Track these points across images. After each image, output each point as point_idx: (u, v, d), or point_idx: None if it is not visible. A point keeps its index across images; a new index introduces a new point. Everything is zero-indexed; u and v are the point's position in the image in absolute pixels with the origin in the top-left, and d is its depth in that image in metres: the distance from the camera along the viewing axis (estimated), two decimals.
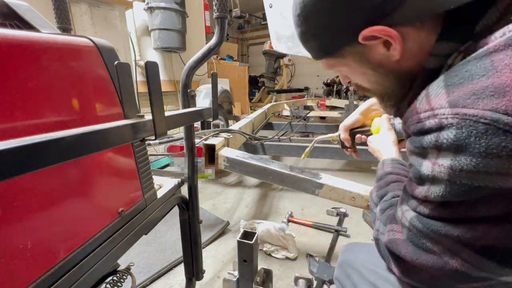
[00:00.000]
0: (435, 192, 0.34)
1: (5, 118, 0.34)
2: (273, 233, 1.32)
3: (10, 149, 0.24)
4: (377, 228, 0.50)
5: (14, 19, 0.52)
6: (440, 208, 0.35)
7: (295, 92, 6.63)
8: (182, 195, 0.83)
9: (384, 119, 0.76)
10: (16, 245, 0.35)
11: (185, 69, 0.76)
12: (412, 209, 0.40)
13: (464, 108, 0.28)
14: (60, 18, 0.82)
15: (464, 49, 0.34)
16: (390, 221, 0.46)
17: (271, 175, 1.08)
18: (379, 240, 0.49)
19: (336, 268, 0.67)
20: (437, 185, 0.33)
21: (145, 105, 2.65)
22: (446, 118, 0.30)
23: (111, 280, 0.61)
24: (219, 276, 1.20)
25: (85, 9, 1.84)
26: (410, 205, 0.40)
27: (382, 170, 0.63)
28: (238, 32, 8.98)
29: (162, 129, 0.45)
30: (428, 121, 0.32)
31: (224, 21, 0.72)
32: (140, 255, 1.31)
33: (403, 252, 0.41)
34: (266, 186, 2.17)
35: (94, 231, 0.48)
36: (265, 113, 3.01)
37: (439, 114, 0.31)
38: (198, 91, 2.48)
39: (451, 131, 0.29)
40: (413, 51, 0.39)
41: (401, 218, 0.41)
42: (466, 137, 0.28)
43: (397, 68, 0.42)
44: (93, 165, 0.48)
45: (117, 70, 0.39)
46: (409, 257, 0.40)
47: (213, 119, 0.72)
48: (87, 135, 0.31)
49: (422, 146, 0.33)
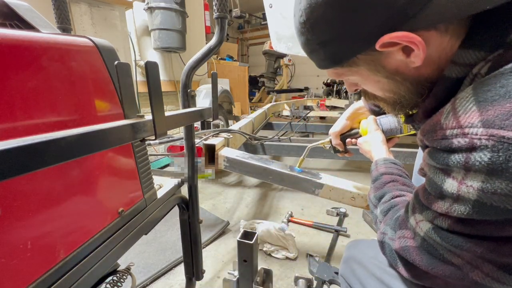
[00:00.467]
0: (459, 210, 0.32)
1: (5, 118, 0.34)
2: (273, 233, 1.32)
3: (10, 149, 0.24)
4: (382, 231, 0.50)
5: (14, 19, 0.52)
6: (463, 224, 0.33)
7: (295, 92, 6.62)
8: (182, 195, 0.83)
9: (370, 121, 0.76)
10: (16, 245, 0.35)
11: (185, 69, 0.76)
12: (428, 220, 0.38)
13: (502, 130, 0.26)
14: (60, 18, 0.82)
15: (493, 58, 0.31)
16: (400, 227, 0.45)
17: (271, 175, 1.08)
18: (385, 244, 0.49)
19: (341, 264, 0.67)
20: (463, 204, 0.31)
21: (145, 105, 2.65)
22: (479, 139, 0.27)
23: (111, 280, 0.61)
24: (219, 276, 1.20)
25: (85, 9, 1.84)
26: (425, 216, 0.38)
27: (376, 171, 0.63)
28: (238, 32, 8.98)
29: (162, 129, 0.45)
30: (456, 139, 0.30)
31: (224, 21, 0.72)
32: (140, 255, 1.31)
33: (417, 261, 0.40)
34: (266, 186, 2.17)
35: (94, 231, 0.48)
36: (265, 113, 3.01)
37: (470, 133, 0.28)
38: (198, 91, 2.48)
39: (485, 153, 0.27)
40: (433, 57, 0.36)
41: (415, 227, 0.40)
42: (503, 161, 0.26)
43: (416, 75, 0.39)
44: (93, 165, 0.48)
45: (117, 70, 0.39)
46: (424, 266, 0.39)
47: (213, 119, 0.72)
48: (87, 135, 0.31)
49: (448, 164, 0.31)
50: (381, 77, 0.41)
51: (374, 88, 0.46)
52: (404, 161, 1.76)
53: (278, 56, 6.15)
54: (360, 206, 0.97)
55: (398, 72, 0.39)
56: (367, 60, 0.39)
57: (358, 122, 0.83)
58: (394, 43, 0.34)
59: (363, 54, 0.38)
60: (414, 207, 0.42)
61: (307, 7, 0.37)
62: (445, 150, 0.32)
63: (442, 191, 0.33)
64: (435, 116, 0.34)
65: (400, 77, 0.40)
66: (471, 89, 0.30)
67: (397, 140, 0.78)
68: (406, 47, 0.35)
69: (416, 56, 0.35)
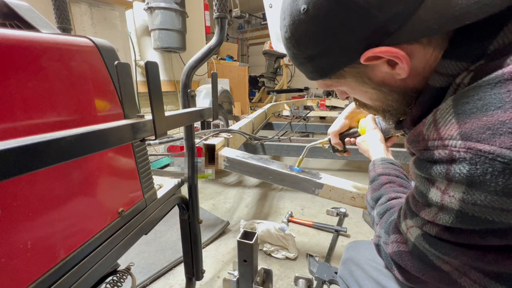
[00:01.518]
0: (444, 219, 0.32)
1: (5, 118, 0.34)
2: (273, 233, 1.32)
3: (10, 149, 0.24)
4: (378, 235, 0.51)
5: (14, 19, 0.52)
6: (449, 232, 0.34)
7: (295, 92, 6.63)
8: (182, 195, 0.83)
9: (369, 120, 0.77)
10: (16, 245, 0.35)
11: (185, 69, 0.76)
12: (417, 227, 0.38)
13: (479, 143, 0.26)
14: (60, 18, 0.82)
15: (475, 69, 0.31)
16: (393, 231, 0.45)
17: (271, 175, 1.08)
18: (380, 247, 0.49)
19: (340, 265, 0.68)
20: (447, 214, 0.32)
21: (145, 105, 2.65)
22: (458, 152, 0.28)
23: (111, 280, 0.61)
24: (219, 276, 1.20)
25: (85, 9, 1.84)
26: (415, 222, 0.39)
27: (373, 171, 0.63)
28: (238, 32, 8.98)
29: (162, 129, 0.45)
30: (437, 151, 0.30)
31: (224, 21, 0.72)
32: (140, 255, 1.31)
33: (409, 266, 0.41)
34: (266, 186, 2.17)
35: (94, 231, 0.48)
36: (265, 113, 3.01)
37: (449, 145, 0.29)
38: (198, 91, 2.48)
39: (464, 166, 0.28)
40: (418, 68, 0.37)
41: (406, 232, 0.41)
42: (481, 174, 0.26)
43: (402, 86, 0.39)
44: (93, 165, 0.48)
45: (117, 70, 0.39)
46: (415, 271, 0.40)
47: (213, 119, 0.72)
48: (87, 135, 0.31)
49: (431, 174, 0.32)
50: (368, 88, 0.41)
51: (362, 98, 0.46)
52: (404, 161, 1.76)
53: (278, 56, 6.15)
54: (360, 206, 0.97)
55: (384, 84, 0.40)
56: (354, 73, 0.39)
57: (357, 121, 0.83)
58: (378, 57, 0.35)
59: (349, 67, 0.38)
60: (405, 213, 0.42)
61: (291, 23, 0.37)
62: (428, 160, 0.32)
63: (428, 199, 0.34)
64: (418, 127, 0.35)
65: (387, 88, 0.40)
66: (451, 101, 0.31)
67: (396, 139, 0.78)
68: (390, 60, 0.35)
69: (401, 69, 0.36)
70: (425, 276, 0.38)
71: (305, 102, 4.92)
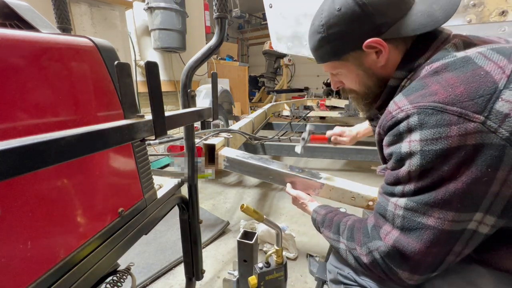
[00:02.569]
0: (415, 164, 0.45)
1: (5, 118, 0.34)
2: (273, 233, 1.32)
3: (10, 149, 0.24)
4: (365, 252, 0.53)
5: (14, 19, 0.52)
6: (422, 179, 0.45)
7: (295, 92, 6.63)
8: (182, 195, 0.83)
9: None
10: (16, 245, 0.35)
11: (185, 69, 0.76)
12: (400, 195, 0.49)
13: (418, 103, 0.44)
14: (60, 18, 0.82)
15: (410, 77, 0.55)
16: (379, 227, 0.52)
17: (271, 175, 1.08)
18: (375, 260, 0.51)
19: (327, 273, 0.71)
20: (415, 157, 0.44)
21: (145, 105, 2.65)
22: (409, 110, 0.45)
23: (111, 280, 0.61)
24: (219, 276, 1.20)
25: (85, 9, 1.84)
26: (397, 193, 0.49)
27: (319, 216, 0.72)
28: (238, 32, 8.98)
29: (162, 129, 0.45)
30: (399, 114, 0.46)
31: (224, 21, 0.72)
32: (140, 255, 1.31)
33: (412, 243, 0.46)
34: (266, 186, 2.17)
35: (94, 231, 0.48)
36: (265, 113, 3.01)
37: (405, 109, 0.46)
38: (198, 91, 2.48)
39: (415, 117, 0.44)
40: (390, 62, 0.58)
41: (394, 210, 0.49)
42: (424, 118, 0.43)
43: (380, 72, 0.60)
44: (93, 165, 0.48)
45: (117, 70, 0.39)
46: (417, 243, 0.45)
47: (213, 119, 0.72)
48: (87, 135, 0.31)
49: (399, 132, 0.46)
50: (360, 70, 0.61)
51: (352, 81, 0.65)
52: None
53: (278, 56, 6.15)
54: (360, 206, 0.97)
55: (370, 68, 0.60)
56: (354, 57, 0.60)
57: None
58: (372, 46, 0.56)
59: (354, 51, 0.59)
60: (387, 196, 0.51)
61: (327, 15, 0.58)
62: (395, 124, 0.47)
63: (401, 156, 0.46)
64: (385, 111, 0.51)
65: (371, 72, 0.60)
66: (400, 92, 0.51)
67: None
68: (378, 51, 0.57)
69: (382, 57, 0.57)
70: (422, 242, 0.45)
71: (305, 102, 4.92)
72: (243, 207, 0.70)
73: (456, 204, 0.43)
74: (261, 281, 0.75)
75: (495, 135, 0.39)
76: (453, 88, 0.42)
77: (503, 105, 0.39)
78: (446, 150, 0.41)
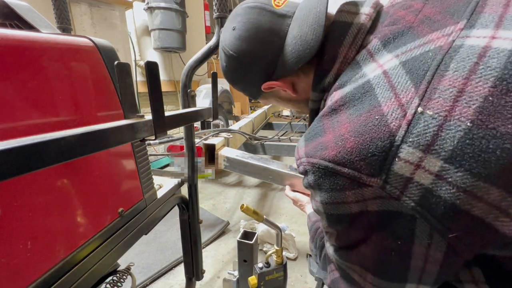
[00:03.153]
0: (324, 225, 0.42)
1: (5, 118, 0.34)
2: (273, 233, 1.32)
3: (10, 149, 0.24)
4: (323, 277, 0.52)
5: (14, 19, 0.52)
6: (336, 238, 0.41)
7: None
8: (182, 195, 0.83)
9: None
10: (16, 245, 0.35)
11: (185, 69, 0.76)
12: (327, 241, 0.46)
13: (312, 158, 0.37)
14: (60, 18, 0.82)
15: (325, 97, 0.46)
16: (328, 263, 0.50)
17: (271, 175, 1.08)
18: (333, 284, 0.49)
19: None
20: (322, 217, 0.41)
21: (145, 105, 2.65)
22: (306, 165, 0.38)
23: (111, 280, 0.61)
24: (219, 276, 1.20)
25: (85, 9, 1.84)
26: (326, 239, 0.46)
27: (310, 221, 0.69)
28: None
29: (162, 129, 0.45)
30: (300, 167, 0.40)
31: (224, 21, 0.72)
32: (140, 255, 1.31)
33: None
34: (266, 186, 2.17)
35: (94, 231, 0.48)
36: (265, 113, 3.01)
37: (303, 162, 0.39)
38: (198, 91, 2.48)
39: (311, 176, 0.37)
40: (304, 88, 0.51)
41: (329, 255, 0.46)
42: (318, 179, 0.36)
43: (301, 98, 0.54)
44: (93, 165, 0.48)
45: (117, 70, 0.39)
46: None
47: (213, 119, 0.72)
48: (87, 135, 0.31)
49: (305, 186, 0.41)
50: (284, 102, 0.58)
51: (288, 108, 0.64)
52: None
53: None
54: None
55: (290, 99, 0.55)
56: (270, 95, 0.56)
57: None
58: (271, 87, 0.52)
59: (264, 93, 0.55)
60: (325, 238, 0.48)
61: (223, 72, 0.56)
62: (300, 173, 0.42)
63: (315, 209, 0.42)
64: None
65: (293, 101, 0.56)
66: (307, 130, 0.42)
67: None
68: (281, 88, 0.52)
69: (289, 90, 0.51)
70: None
71: None
72: (243, 207, 0.70)
73: (370, 269, 0.38)
74: (261, 281, 0.75)
75: (399, 203, 0.30)
76: (343, 142, 0.33)
77: (402, 166, 0.29)
78: (348, 216, 0.36)
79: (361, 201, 0.33)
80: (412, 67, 0.32)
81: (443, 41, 0.32)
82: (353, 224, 0.36)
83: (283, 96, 0.55)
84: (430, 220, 0.29)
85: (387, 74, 0.34)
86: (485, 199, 0.26)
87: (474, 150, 0.26)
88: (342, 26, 0.44)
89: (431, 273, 0.33)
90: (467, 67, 0.28)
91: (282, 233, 1.10)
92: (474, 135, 0.26)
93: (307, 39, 0.44)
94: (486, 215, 0.27)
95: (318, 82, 0.46)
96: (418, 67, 0.31)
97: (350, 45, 0.42)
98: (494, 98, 0.26)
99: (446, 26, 0.33)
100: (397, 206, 0.31)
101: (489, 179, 0.26)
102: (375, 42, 0.39)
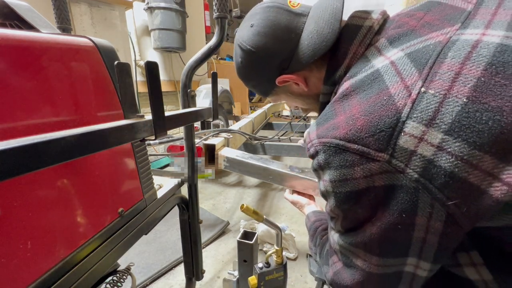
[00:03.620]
0: (332, 204, 0.42)
1: (5, 118, 0.34)
2: (273, 233, 1.32)
3: (10, 149, 0.24)
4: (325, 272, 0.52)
5: (14, 19, 0.52)
6: (344, 220, 0.42)
7: None
8: (182, 195, 0.83)
9: None
10: (16, 245, 0.35)
11: (185, 69, 0.76)
12: (332, 229, 0.47)
13: (323, 138, 0.40)
14: (60, 18, 0.82)
15: (336, 90, 0.49)
16: (330, 255, 0.51)
17: (271, 175, 1.08)
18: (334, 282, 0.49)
19: None
20: (330, 198, 0.42)
21: (145, 105, 2.65)
22: (317, 146, 0.41)
23: (111, 280, 0.61)
24: (219, 276, 1.20)
25: (85, 9, 1.84)
26: (332, 228, 0.47)
27: (309, 222, 0.72)
28: None
29: (162, 129, 0.45)
30: (310, 149, 0.43)
31: (224, 21, 0.72)
32: (140, 255, 1.31)
33: (346, 279, 0.45)
34: (266, 186, 2.17)
35: (94, 231, 0.48)
36: (265, 113, 3.01)
37: (314, 144, 0.42)
38: (198, 91, 2.48)
39: (322, 155, 0.40)
40: (315, 83, 0.54)
41: (333, 244, 0.47)
42: (328, 157, 0.39)
43: (311, 93, 0.57)
44: (93, 165, 0.48)
45: (117, 70, 0.39)
46: (350, 281, 0.44)
47: (213, 119, 0.72)
48: (87, 135, 0.31)
49: (314, 168, 0.44)
50: (295, 97, 0.61)
51: (297, 103, 0.64)
52: None
53: None
54: None
55: (300, 94, 0.58)
56: (282, 91, 0.59)
57: None
58: (285, 81, 0.55)
59: (276, 88, 0.58)
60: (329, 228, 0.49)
61: (236, 68, 0.59)
62: (311, 157, 0.44)
63: (322, 193, 0.44)
64: None
65: (304, 94, 0.58)
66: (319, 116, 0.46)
67: None
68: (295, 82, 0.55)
69: (302, 84, 0.54)
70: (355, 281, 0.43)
71: None
72: (243, 207, 0.70)
73: (376, 249, 0.40)
74: (261, 281, 0.75)
75: (404, 176, 0.33)
76: (354, 121, 0.37)
77: (407, 140, 0.32)
78: (355, 193, 0.38)
79: (368, 176, 0.36)
80: (415, 56, 0.36)
81: (442, 37, 0.36)
82: (360, 200, 0.38)
83: (294, 91, 0.58)
84: (431, 190, 0.32)
85: (394, 64, 0.38)
86: (480, 166, 0.30)
87: (470, 122, 0.30)
88: (353, 28, 0.48)
89: (432, 244, 0.36)
90: (462, 55, 0.33)
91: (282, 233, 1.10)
92: (470, 109, 0.30)
93: (324, 32, 0.48)
94: (481, 182, 0.30)
95: (330, 75, 0.50)
96: (421, 57, 0.36)
97: (360, 42, 0.47)
98: (486, 78, 0.31)
99: (444, 28, 0.38)
100: (402, 179, 0.34)
101: (483, 147, 0.30)
102: (383, 41, 0.44)
